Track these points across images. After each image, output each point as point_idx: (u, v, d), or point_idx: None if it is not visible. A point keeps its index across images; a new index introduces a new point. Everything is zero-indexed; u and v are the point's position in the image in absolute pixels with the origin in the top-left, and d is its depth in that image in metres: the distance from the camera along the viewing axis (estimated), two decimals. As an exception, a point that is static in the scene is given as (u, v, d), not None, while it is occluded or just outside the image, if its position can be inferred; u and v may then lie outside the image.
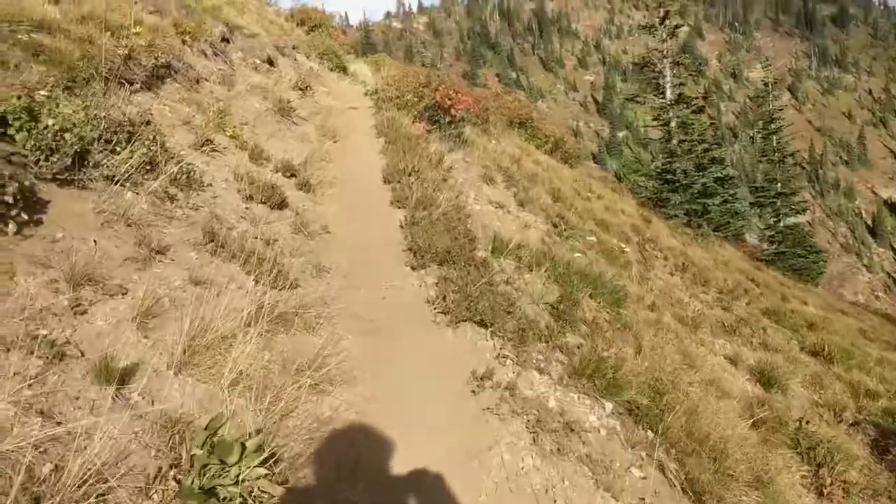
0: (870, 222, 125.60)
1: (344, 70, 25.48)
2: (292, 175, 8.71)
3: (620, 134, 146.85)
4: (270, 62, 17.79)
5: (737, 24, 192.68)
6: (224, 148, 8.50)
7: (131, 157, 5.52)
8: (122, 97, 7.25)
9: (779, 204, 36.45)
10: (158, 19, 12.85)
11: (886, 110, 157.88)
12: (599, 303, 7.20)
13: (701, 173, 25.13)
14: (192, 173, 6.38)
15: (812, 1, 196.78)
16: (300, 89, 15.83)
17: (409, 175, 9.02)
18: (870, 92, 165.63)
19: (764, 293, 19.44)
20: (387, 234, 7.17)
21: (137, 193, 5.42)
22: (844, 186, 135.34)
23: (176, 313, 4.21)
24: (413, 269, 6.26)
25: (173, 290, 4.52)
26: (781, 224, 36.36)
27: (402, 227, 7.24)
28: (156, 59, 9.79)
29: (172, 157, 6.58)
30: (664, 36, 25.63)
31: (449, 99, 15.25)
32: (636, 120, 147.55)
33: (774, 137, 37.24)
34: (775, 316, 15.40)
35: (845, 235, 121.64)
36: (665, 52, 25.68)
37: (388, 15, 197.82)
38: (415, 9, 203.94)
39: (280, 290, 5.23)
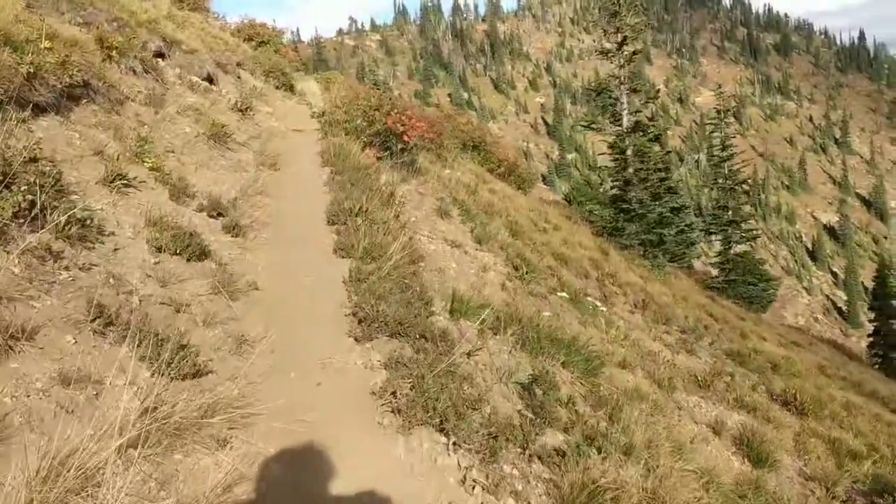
0: (810, 246, 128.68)
1: (291, 89, 24.35)
2: (220, 214, 7.57)
3: (570, 156, 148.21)
4: (210, 80, 16.62)
5: (683, 49, 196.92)
6: (141, 183, 7.34)
7: (3, 206, 4.40)
8: (14, 124, 6.08)
9: (729, 231, 36.37)
10: (84, 33, 11.65)
11: (826, 137, 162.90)
12: (573, 373, 6.27)
13: (657, 202, 24.62)
14: (87, 221, 5.23)
15: (756, 30, 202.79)
16: (240, 110, 14.67)
17: (357, 215, 7.96)
18: (810, 119, 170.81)
19: (723, 329, 18.93)
20: (328, 292, 6.08)
21: (8, 252, 4.29)
22: (786, 210, 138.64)
23: (30, 434, 3.11)
24: (357, 340, 5.16)
25: (32, 395, 3.38)
26: (732, 252, 36.27)
27: (346, 283, 6.18)
28: (70, 77, 8.57)
29: (69, 199, 5.45)
30: (621, 62, 25.11)
31: (402, 124, 14.28)
32: (585, 143, 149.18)
33: (726, 165, 37.22)
34: (739, 357, 14.85)
35: (786, 259, 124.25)
36: (622, 79, 25.17)
37: (340, 32, 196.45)
38: (367, 26, 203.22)
39: (185, 379, 4.12)
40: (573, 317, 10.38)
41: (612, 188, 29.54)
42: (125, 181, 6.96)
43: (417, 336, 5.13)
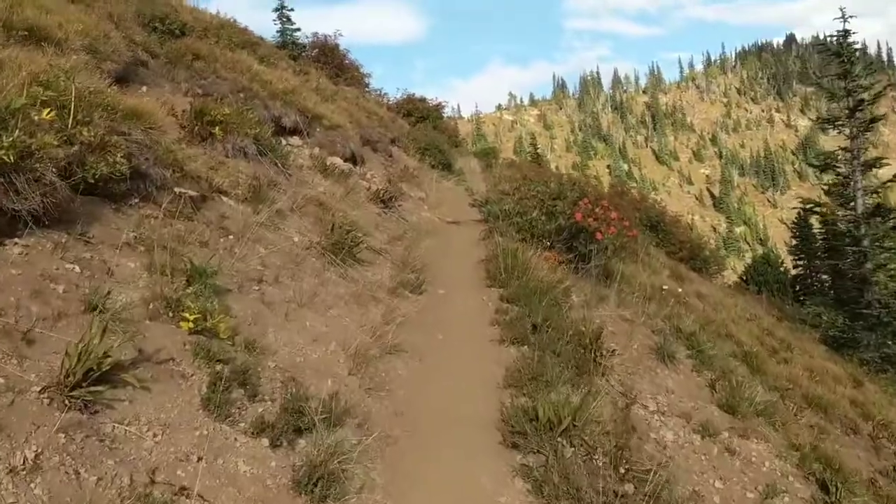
0: None
1: (448, 167, 21.21)
2: (296, 432, 3.86)
3: (738, 230, 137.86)
4: (354, 160, 13.63)
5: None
6: (160, 364, 3.82)
7: None
8: None
9: None
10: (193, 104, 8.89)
11: None
12: None
13: (905, 307, 18.93)
14: None
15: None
16: (382, 200, 11.32)
17: (562, 434, 4.04)
18: None
19: None
20: None
21: None
22: None
23: None
24: None
25: None
26: None
27: None
28: (109, 165, 5.36)
29: None
30: (853, 132, 19.92)
31: (594, 218, 10.36)
32: (755, 215, 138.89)
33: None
34: None
35: None
36: (855, 153, 19.90)
37: (499, 107, 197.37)
38: (526, 101, 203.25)
39: None
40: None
41: (794, 268, 24.57)
42: (109, 376, 3.44)
43: None
